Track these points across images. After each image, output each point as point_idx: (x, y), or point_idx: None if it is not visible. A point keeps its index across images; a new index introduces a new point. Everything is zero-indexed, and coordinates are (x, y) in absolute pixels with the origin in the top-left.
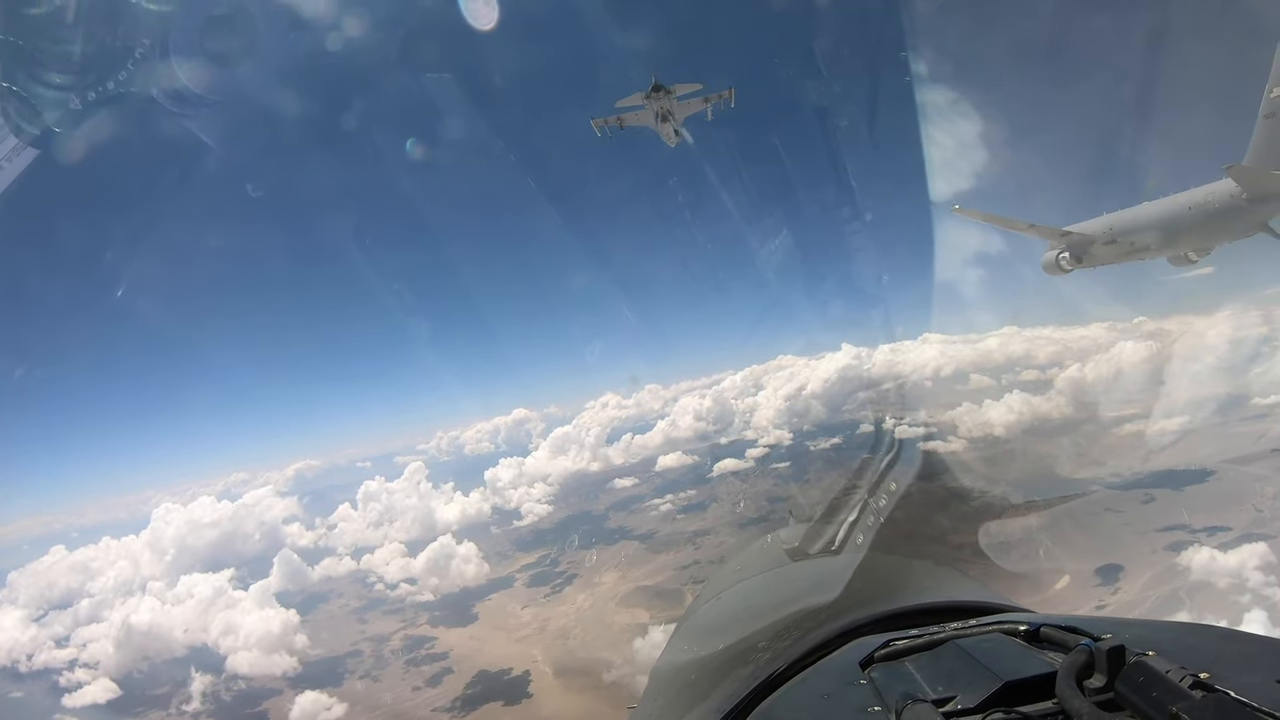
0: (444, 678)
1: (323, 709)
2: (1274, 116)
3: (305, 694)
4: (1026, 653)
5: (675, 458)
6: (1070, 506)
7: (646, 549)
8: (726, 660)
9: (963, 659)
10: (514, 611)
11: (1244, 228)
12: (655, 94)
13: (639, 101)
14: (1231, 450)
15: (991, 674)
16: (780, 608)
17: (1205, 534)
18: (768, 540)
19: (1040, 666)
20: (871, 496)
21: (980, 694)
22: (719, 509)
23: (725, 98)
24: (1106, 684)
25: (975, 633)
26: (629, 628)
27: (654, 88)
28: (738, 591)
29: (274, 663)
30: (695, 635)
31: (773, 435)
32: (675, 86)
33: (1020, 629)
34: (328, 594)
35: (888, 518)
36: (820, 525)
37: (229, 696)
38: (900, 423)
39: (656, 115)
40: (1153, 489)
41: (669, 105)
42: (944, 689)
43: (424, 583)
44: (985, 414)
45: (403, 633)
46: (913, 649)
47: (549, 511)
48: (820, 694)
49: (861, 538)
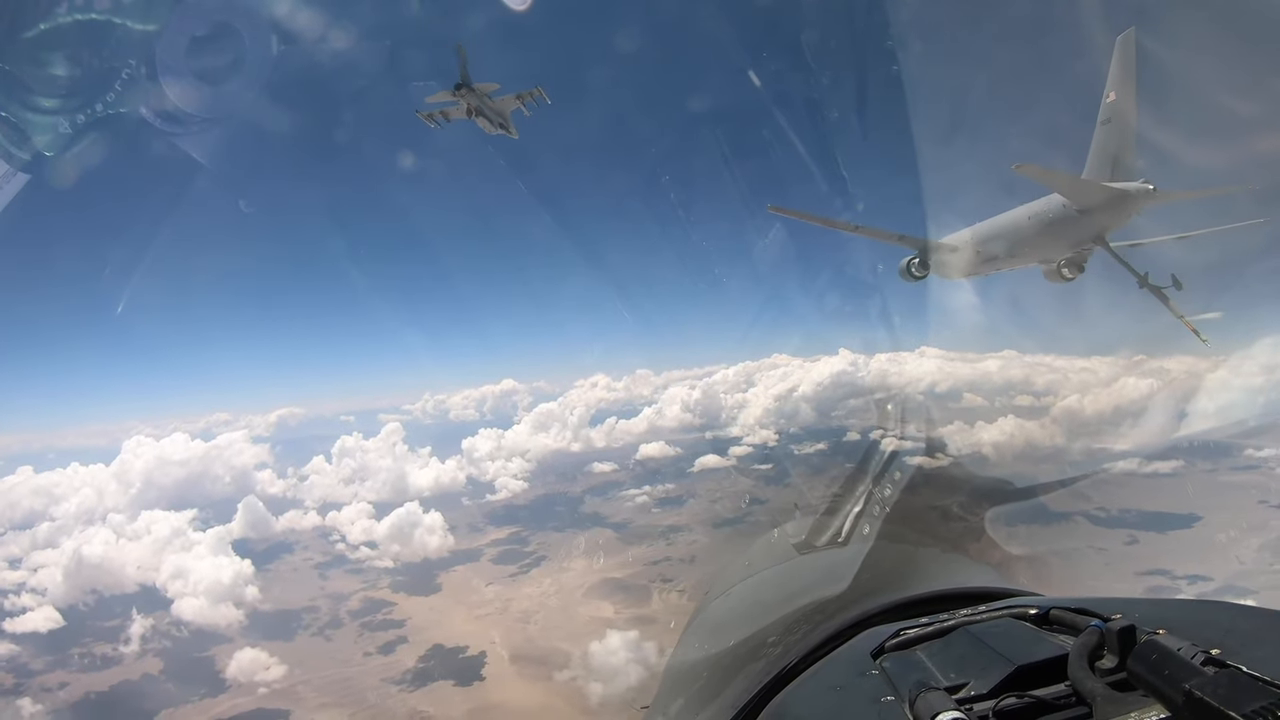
0: (398, 646)
1: (261, 668)
2: (1109, 123)
3: (245, 651)
4: (1037, 636)
5: (658, 447)
6: (1053, 538)
7: (619, 539)
8: (738, 656)
9: (974, 645)
10: (478, 587)
11: (1079, 239)
12: (459, 91)
13: (448, 98)
14: (1219, 499)
15: (1003, 659)
16: (789, 601)
17: (1186, 581)
18: (774, 535)
19: (1051, 649)
20: (876, 487)
21: (992, 679)
22: (696, 506)
23: (536, 95)
24: (1118, 664)
25: (985, 618)
26: (591, 621)
27: (456, 86)
28: (746, 587)
29: (220, 613)
30: (706, 632)
31: (758, 434)
32: (479, 86)
33: (1030, 613)
34: (293, 545)
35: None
36: (826, 518)
37: (169, 642)
38: (887, 434)
39: (469, 111)
40: (1137, 530)
41: (478, 103)
42: (956, 676)
43: (386, 548)
44: (976, 434)
45: (362, 594)
46: (923, 637)
47: (524, 488)
48: (833, 686)
49: (868, 529)
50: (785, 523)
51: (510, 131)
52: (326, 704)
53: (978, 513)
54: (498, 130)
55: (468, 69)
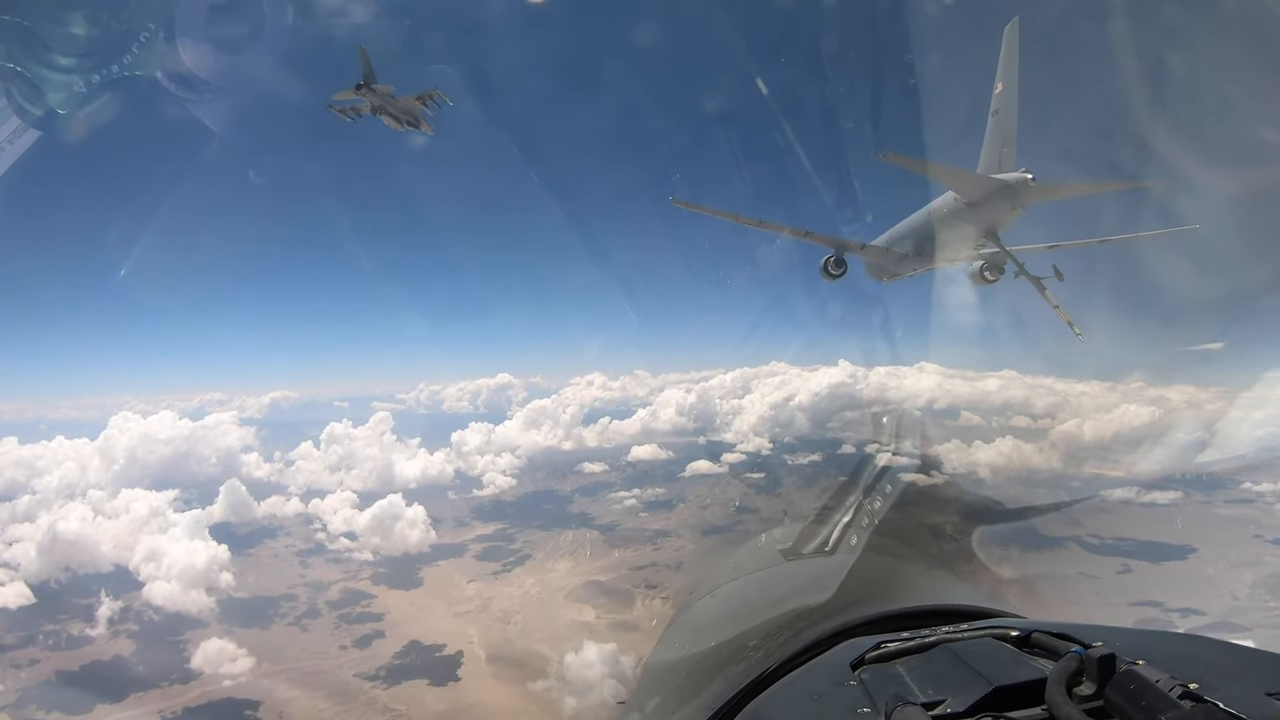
0: (374, 641)
1: (233, 657)
2: (999, 114)
3: (218, 638)
4: (1017, 658)
5: (650, 450)
6: (1046, 561)
7: (605, 541)
8: (718, 658)
9: (953, 662)
10: (459, 583)
11: (973, 236)
12: (360, 90)
13: (352, 95)
14: (1214, 532)
15: (982, 678)
16: (773, 606)
17: (1179, 614)
18: (762, 539)
19: (1030, 672)
20: (866, 499)
21: (970, 698)
22: (685, 511)
23: (436, 97)
24: (1096, 691)
25: (966, 636)
26: (572, 625)
27: (357, 85)
28: (731, 589)
29: (191, 599)
30: (688, 632)
31: (752, 442)
32: (378, 86)
33: (1011, 634)
34: (275, 530)
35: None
36: (815, 526)
37: (141, 625)
38: (882, 448)
39: (372, 109)
40: (1130, 559)
41: (379, 102)
42: (934, 692)
43: (366, 540)
44: (974, 454)
45: (342, 584)
46: (904, 651)
47: (512, 485)
48: (810, 694)
49: (855, 539)
50: (774, 528)
51: (422, 128)
52: (297, 696)
53: (967, 532)
54: (406, 128)
55: (371, 69)
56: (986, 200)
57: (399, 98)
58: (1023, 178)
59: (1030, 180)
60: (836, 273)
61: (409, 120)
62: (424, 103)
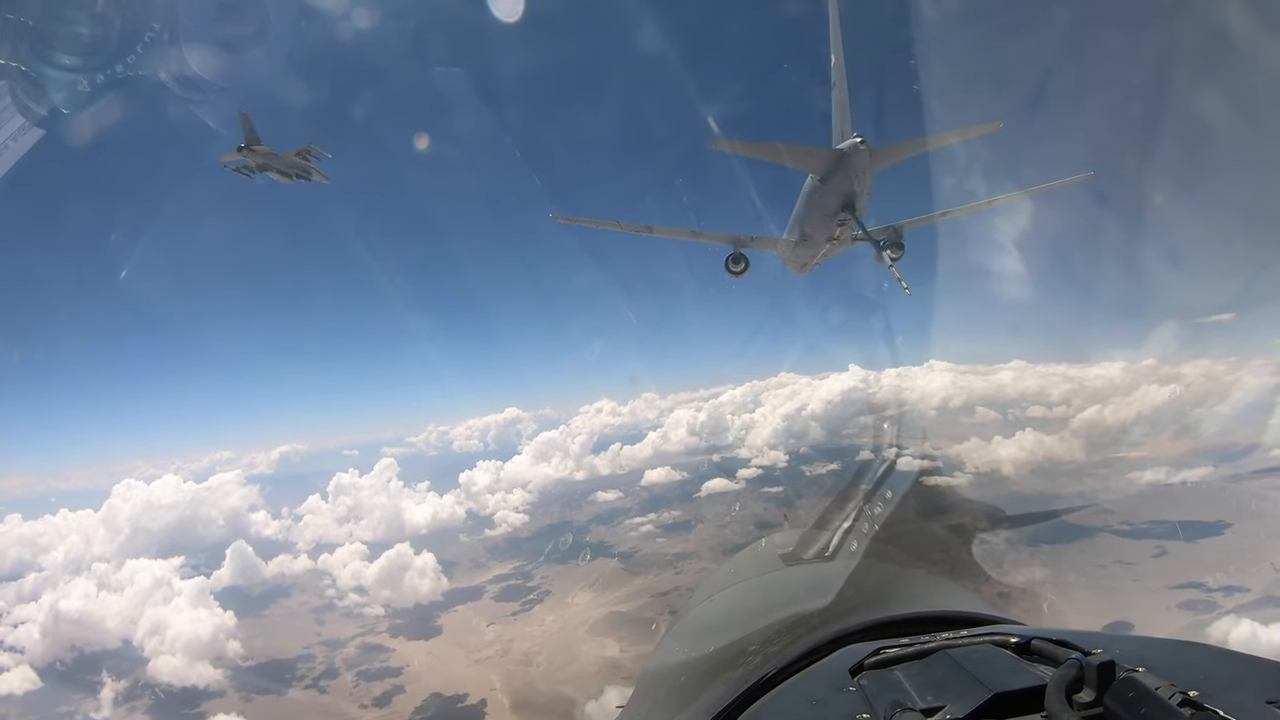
0: (394, 697)
1: None
2: (837, 85)
3: (234, 710)
4: (1017, 665)
5: (663, 473)
6: (1078, 554)
7: (625, 569)
8: (717, 663)
9: (953, 669)
10: (478, 628)
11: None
12: (242, 151)
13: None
14: (1246, 504)
15: (981, 685)
16: (772, 612)
17: (1222, 594)
18: (762, 544)
19: (1030, 679)
20: (867, 505)
21: (969, 705)
22: (704, 531)
23: (313, 152)
24: (1095, 699)
25: (966, 643)
26: (595, 661)
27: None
28: (731, 594)
29: (197, 673)
30: (686, 637)
31: (767, 456)
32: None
33: (1011, 641)
34: (288, 588)
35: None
36: (815, 531)
37: (151, 700)
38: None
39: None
40: (1164, 540)
41: (261, 160)
42: (933, 699)
43: (376, 593)
44: (994, 451)
45: (359, 639)
46: (903, 657)
47: (525, 521)
48: (809, 699)
49: (856, 545)
50: (774, 533)
51: (313, 179)
52: None
53: (970, 537)
54: (295, 180)
55: (254, 131)
56: (832, 172)
57: (280, 154)
58: (853, 143)
59: (860, 144)
60: (736, 269)
61: (297, 174)
62: (304, 157)
